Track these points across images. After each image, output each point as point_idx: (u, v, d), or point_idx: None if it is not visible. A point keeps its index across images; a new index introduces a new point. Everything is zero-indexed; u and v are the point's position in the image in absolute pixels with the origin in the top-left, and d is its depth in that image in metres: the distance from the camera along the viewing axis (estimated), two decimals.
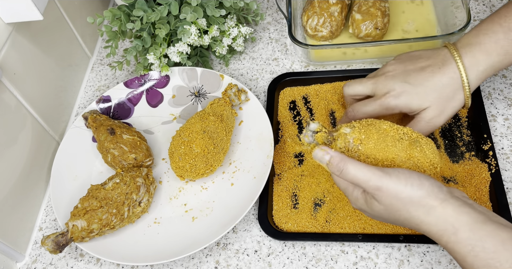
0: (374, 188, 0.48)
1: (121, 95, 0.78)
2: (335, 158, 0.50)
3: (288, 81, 0.77)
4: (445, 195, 0.47)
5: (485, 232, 0.44)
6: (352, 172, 0.49)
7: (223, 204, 0.66)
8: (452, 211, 0.46)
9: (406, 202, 0.47)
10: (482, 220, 0.45)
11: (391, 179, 0.47)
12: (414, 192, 0.47)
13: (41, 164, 0.73)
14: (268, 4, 0.92)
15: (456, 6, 0.74)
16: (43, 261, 0.67)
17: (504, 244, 0.43)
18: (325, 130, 0.54)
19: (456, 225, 0.45)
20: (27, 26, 0.69)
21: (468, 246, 0.44)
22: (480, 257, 0.44)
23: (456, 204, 0.46)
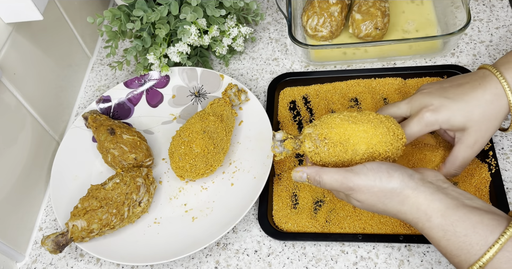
0: (347, 188, 0.51)
1: (121, 95, 0.78)
2: (310, 174, 0.54)
3: (288, 81, 0.77)
4: (416, 183, 0.49)
5: (456, 217, 0.46)
6: (327, 181, 0.52)
7: (223, 204, 0.66)
8: (424, 199, 0.48)
9: (379, 195, 0.50)
10: (454, 205, 0.47)
11: (359, 177, 0.50)
12: (384, 185, 0.49)
13: (41, 164, 0.73)
14: (268, 4, 0.92)
15: (456, 6, 0.74)
16: (43, 261, 0.67)
17: (475, 228, 0.45)
18: (290, 137, 0.56)
19: (429, 212, 0.47)
20: (27, 26, 0.69)
21: (441, 232, 0.46)
22: (452, 241, 0.46)
23: (428, 192, 0.48)
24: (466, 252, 0.45)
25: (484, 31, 0.79)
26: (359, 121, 0.54)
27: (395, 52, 0.76)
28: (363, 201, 0.51)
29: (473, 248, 0.44)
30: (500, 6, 0.81)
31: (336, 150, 0.54)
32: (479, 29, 0.79)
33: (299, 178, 0.55)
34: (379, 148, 0.53)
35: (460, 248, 0.45)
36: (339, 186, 0.51)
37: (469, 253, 0.45)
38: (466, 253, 0.45)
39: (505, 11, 0.81)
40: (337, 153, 0.54)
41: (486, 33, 0.79)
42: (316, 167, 0.53)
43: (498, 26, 0.79)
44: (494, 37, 0.78)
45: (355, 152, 0.53)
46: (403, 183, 0.49)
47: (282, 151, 0.57)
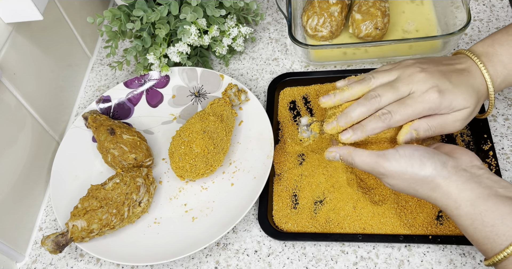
0: (378, 173, 0.52)
1: (121, 95, 0.78)
2: (343, 155, 0.55)
3: (288, 81, 0.77)
4: (449, 172, 0.49)
5: (485, 207, 0.47)
6: (359, 163, 0.53)
7: (223, 204, 0.66)
8: (455, 188, 0.48)
9: (411, 182, 0.50)
10: (485, 195, 0.47)
11: (391, 163, 0.51)
12: (416, 173, 0.50)
13: (41, 164, 0.73)
14: (268, 4, 0.92)
15: (456, 6, 0.74)
16: (43, 261, 0.67)
17: (503, 218, 0.45)
18: (316, 120, 0.58)
19: (458, 201, 0.48)
20: (27, 26, 0.69)
21: (469, 220, 0.47)
22: (479, 230, 0.47)
23: (460, 181, 0.48)
24: (492, 242, 0.46)
25: (484, 31, 0.79)
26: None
27: (395, 52, 0.76)
28: (393, 185, 0.52)
29: (499, 238, 0.45)
30: (500, 6, 0.81)
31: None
32: (479, 29, 0.79)
33: (332, 158, 0.56)
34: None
35: (486, 237, 0.46)
36: (371, 170, 0.52)
37: (495, 243, 0.46)
38: (492, 242, 0.46)
39: (505, 11, 0.81)
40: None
41: (486, 33, 0.79)
42: (349, 147, 0.54)
43: (498, 26, 0.79)
44: None
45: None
46: (435, 171, 0.49)
47: (309, 134, 0.58)
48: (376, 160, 0.51)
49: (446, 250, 0.59)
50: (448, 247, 0.59)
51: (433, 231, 0.59)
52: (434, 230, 0.59)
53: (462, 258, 0.58)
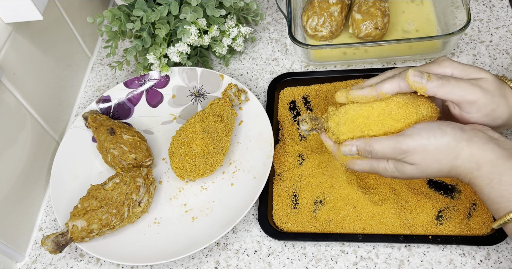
0: (401, 152, 0.51)
1: (121, 95, 0.78)
2: (359, 145, 0.54)
3: (288, 81, 0.77)
4: (469, 135, 0.50)
5: (505, 167, 0.47)
6: (378, 149, 0.52)
7: (223, 204, 0.66)
8: (477, 149, 0.49)
9: (435, 153, 0.50)
10: (505, 155, 0.48)
11: (413, 138, 0.50)
12: (439, 141, 0.50)
13: (41, 164, 0.73)
14: (268, 4, 0.92)
15: (456, 6, 0.74)
16: (43, 261, 0.67)
17: None
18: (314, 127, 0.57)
19: (480, 161, 0.49)
20: (27, 26, 0.69)
21: (487, 179, 0.48)
22: (496, 188, 0.48)
23: (481, 142, 0.49)
24: (506, 200, 0.47)
25: (484, 31, 0.79)
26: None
27: (395, 52, 0.76)
28: (418, 163, 0.51)
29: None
30: (500, 6, 0.81)
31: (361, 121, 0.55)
32: (479, 29, 0.79)
33: (349, 151, 0.55)
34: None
35: (502, 195, 0.47)
36: (392, 151, 0.51)
37: (509, 201, 0.47)
38: (507, 201, 0.47)
39: (505, 11, 0.81)
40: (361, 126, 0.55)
41: (486, 33, 0.79)
42: (364, 138, 0.54)
43: (498, 26, 0.79)
44: (494, 37, 0.78)
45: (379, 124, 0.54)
46: (456, 135, 0.49)
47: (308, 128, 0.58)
48: (396, 139, 0.51)
49: (446, 250, 0.59)
50: (448, 247, 0.59)
51: (433, 231, 0.59)
52: (434, 230, 0.59)
53: (462, 258, 0.58)
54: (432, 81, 0.51)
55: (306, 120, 0.57)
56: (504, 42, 0.77)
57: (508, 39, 0.77)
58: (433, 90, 0.52)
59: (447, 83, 0.52)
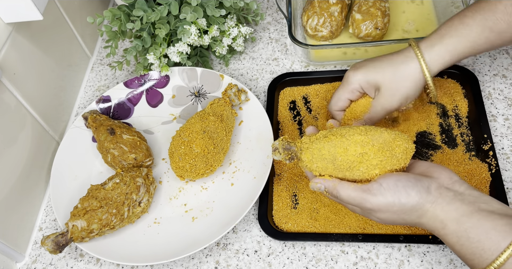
0: (366, 209, 0.52)
1: (121, 95, 0.78)
2: (328, 187, 0.54)
3: (288, 81, 0.77)
4: (434, 196, 0.49)
5: (470, 224, 0.47)
6: (344, 197, 0.52)
7: (223, 204, 0.66)
8: (441, 211, 0.49)
9: (399, 213, 0.50)
10: (468, 212, 0.48)
11: (377, 198, 0.50)
12: (404, 204, 0.50)
13: (41, 164, 0.73)
14: (268, 4, 0.92)
15: (456, 6, 0.74)
16: (43, 261, 0.67)
17: (488, 233, 0.46)
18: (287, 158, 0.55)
19: (445, 221, 0.49)
20: (27, 26, 0.69)
21: (455, 238, 0.48)
22: (466, 246, 0.47)
23: (445, 202, 0.49)
24: (479, 257, 0.46)
25: None
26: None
27: None
28: (382, 219, 0.52)
29: (485, 253, 0.46)
30: None
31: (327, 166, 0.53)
32: None
33: (317, 188, 0.55)
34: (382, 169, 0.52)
35: (473, 252, 0.47)
36: (357, 204, 0.52)
37: (482, 257, 0.46)
38: (479, 257, 0.46)
39: None
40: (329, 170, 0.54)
41: None
42: (334, 180, 0.53)
43: None
44: None
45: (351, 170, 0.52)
46: (421, 199, 0.49)
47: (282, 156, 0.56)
48: (361, 195, 0.51)
49: (446, 250, 0.59)
50: (448, 247, 0.59)
51: None
52: None
53: None
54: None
55: (279, 150, 0.55)
56: None
57: None
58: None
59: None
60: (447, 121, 0.69)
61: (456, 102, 0.70)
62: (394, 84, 0.60)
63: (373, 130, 0.53)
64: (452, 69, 0.72)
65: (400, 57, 0.60)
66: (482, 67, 0.74)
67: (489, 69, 0.74)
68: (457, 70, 0.72)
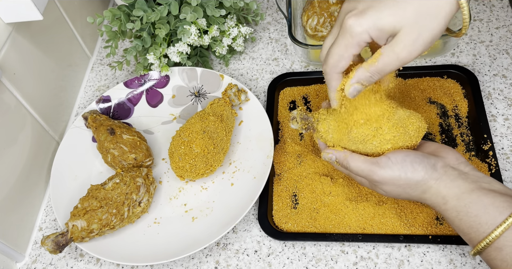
0: (373, 181, 0.54)
1: (121, 95, 0.78)
2: (339, 157, 0.57)
3: (288, 81, 0.77)
4: (439, 173, 0.51)
5: (470, 199, 0.49)
6: (353, 168, 0.55)
7: (223, 204, 0.66)
8: (444, 187, 0.51)
9: (404, 187, 0.53)
10: (470, 189, 0.50)
11: (385, 171, 0.52)
12: (409, 178, 0.52)
13: (41, 164, 0.73)
14: (268, 4, 0.92)
15: None
16: (43, 261, 0.67)
17: (486, 209, 0.48)
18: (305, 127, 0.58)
19: (446, 197, 0.51)
20: (27, 26, 0.69)
21: (455, 212, 0.50)
22: (464, 220, 0.49)
23: (449, 180, 0.51)
24: (475, 230, 0.48)
25: (484, 31, 0.79)
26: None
27: None
28: (388, 192, 0.54)
29: (482, 227, 0.48)
30: (500, 6, 0.81)
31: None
32: (479, 29, 0.79)
33: (329, 159, 0.57)
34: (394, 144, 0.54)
35: (470, 226, 0.49)
36: (365, 176, 0.54)
37: (478, 231, 0.48)
38: (476, 231, 0.48)
39: (505, 11, 0.81)
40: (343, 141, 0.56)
41: (486, 33, 0.79)
42: (345, 151, 0.56)
43: (498, 26, 0.79)
44: (494, 37, 0.78)
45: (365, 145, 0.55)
46: (427, 175, 0.51)
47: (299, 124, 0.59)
48: (370, 167, 0.53)
49: (446, 250, 0.59)
50: (448, 247, 0.59)
51: (433, 231, 0.59)
52: (434, 230, 0.59)
53: (462, 258, 0.58)
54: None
55: (297, 119, 0.58)
56: (504, 42, 0.77)
57: (508, 39, 0.77)
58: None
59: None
60: (447, 121, 0.69)
61: (456, 102, 0.70)
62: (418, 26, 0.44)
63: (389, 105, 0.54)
64: (452, 69, 0.72)
65: None
66: (482, 67, 0.74)
67: (489, 69, 0.74)
68: (457, 70, 0.72)
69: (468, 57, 0.76)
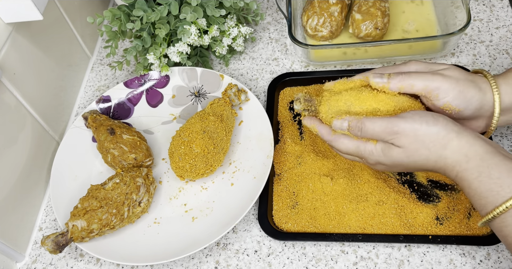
0: (392, 133, 0.51)
1: (121, 95, 0.78)
2: (352, 120, 0.54)
3: (288, 81, 0.77)
4: (460, 128, 0.51)
5: (493, 161, 0.48)
6: (369, 127, 0.53)
7: (223, 204, 0.66)
8: (466, 142, 0.50)
9: (425, 139, 0.51)
10: (492, 151, 0.49)
11: (406, 121, 0.51)
12: (430, 128, 0.50)
13: (41, 164, 0.73)
14: (268, 4, 0.92)
15: (456, 6, 0.74)
16: (43, 261, 0.67)
17: (509, 172, 0.47)
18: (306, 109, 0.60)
19: (469, 154, 0.49)
20: (27, 26, 0.69)
21: (476, 173, 0.48)
22: (484, 182, 0.48)
23: (471, 136, 0.50)
24: (495, 194, 0.47)
25: (484, 31, 0.79)
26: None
27: (395, 52, 0.76)
28: (406, 146, 0.51)
29: (503, 190, 0.47)
30: (500, 6, 0.81)
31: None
32: (479, 29, 0.79)
33: (340, 125, 0.55)
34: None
35: (490, 189, 0.47)
36: (382, 131, 0.52)
37: (498, 195, 0.47)
38: (495, 194, 0.47)
39: (505, 11, 0.81)
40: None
41: (486, 33, 0.79)
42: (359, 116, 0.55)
43: (498, 26, 0.79)
44: (494, 37, 0.78)
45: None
46: (447, 126, 0.50)
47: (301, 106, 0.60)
48: (389, 119, 0.52)
49: (446, 250, 0.59)
50: (448, 247, 0.59)
51: (433, 231, 0.59)
52: (434, 230, 0.59)
53: (462, 258, 0.58)
54: (393, 78, 0.55)
55: (300, 100, 0.59)
56: (504, 42, 0.77)
57: (508, 39, 0.77)
58: (396, 86, 0.54)
59: (408, 77, 0.54)
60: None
61: None
62: (461, 91, 0.54)
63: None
64: None
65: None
66: (482, 67, 0.74)
67: (489, 69, 0.74)
68: None
69: (468, 57, 0.76)
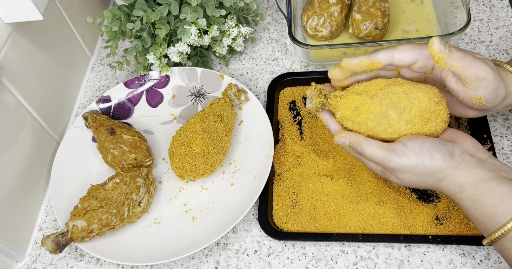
0: (388, 168, 0.52)
1: (121, 95, 0.78)
2: (352, 142, 0.54)
3: (288, 81, 0.77)
4: (456, 162, 0.50)
5: (487, 188, 0.48)
6: (368, 154, 0.53)
7: (223, 204, 0.66)
8: (461, 175, 0.50)
9: (420, 175, 0.51)
10: (487, 178, 0.49)
11: (401, 159, 0.51)
12: (427, 166, 0.50)
13: (41, 164, 0.73)
14: (268, 4, 0.92)
15: (456, 6, 0.74)
16: (43, 261, 0.67)
17: (503, 198, 0.47)
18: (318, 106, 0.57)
19: (463, 185, 0.50)
20: (27, 26, 0.69)
21: (471, 201, 0.49)
22: (480, 209, 0.49)
23: (466, 168, 0.50)
24: (491, 220, 0.48)
25: (484, 31, 0.79)
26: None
27: None
28: (403, 179, 0.53)
29: (498, 216, 0.47)
30: (500, 6, 0.81)
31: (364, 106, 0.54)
32: (479, 29, 0.79)
33: (342, 143, 0.55)
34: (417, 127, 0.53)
35: (486, 216, 0.48)
36: (380, 163, 0.52)
37: (494, 221, 0.48)
38: (491, 221, 0.48)
39: (505, 11, 0.81)
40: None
41: (486, 33, 0.79)
42: (359, 136, 0.54)
43: (498, 26, 0.79)
44: (494, 37, 0.78)
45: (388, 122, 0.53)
46: (444, 163, 0.50)
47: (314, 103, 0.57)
48: (386, 154, 0.51)
49: (446, 250, 0.59)
50: (448, 247, 0.59)
51: (433, 231, 0.59)
52: (434, 230, 0.59)
53: (462, 258, 0.58)
54: (454, 53, 0.49)
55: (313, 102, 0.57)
56: (504, 42, 0.77)
57: (508, 39, 0.77)
58: (451, 63, 0.50)
59: (465, 57, 0.50)
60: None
61: None
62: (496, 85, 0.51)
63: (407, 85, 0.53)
64: None
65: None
66: None
67: None
68: None
69: None
